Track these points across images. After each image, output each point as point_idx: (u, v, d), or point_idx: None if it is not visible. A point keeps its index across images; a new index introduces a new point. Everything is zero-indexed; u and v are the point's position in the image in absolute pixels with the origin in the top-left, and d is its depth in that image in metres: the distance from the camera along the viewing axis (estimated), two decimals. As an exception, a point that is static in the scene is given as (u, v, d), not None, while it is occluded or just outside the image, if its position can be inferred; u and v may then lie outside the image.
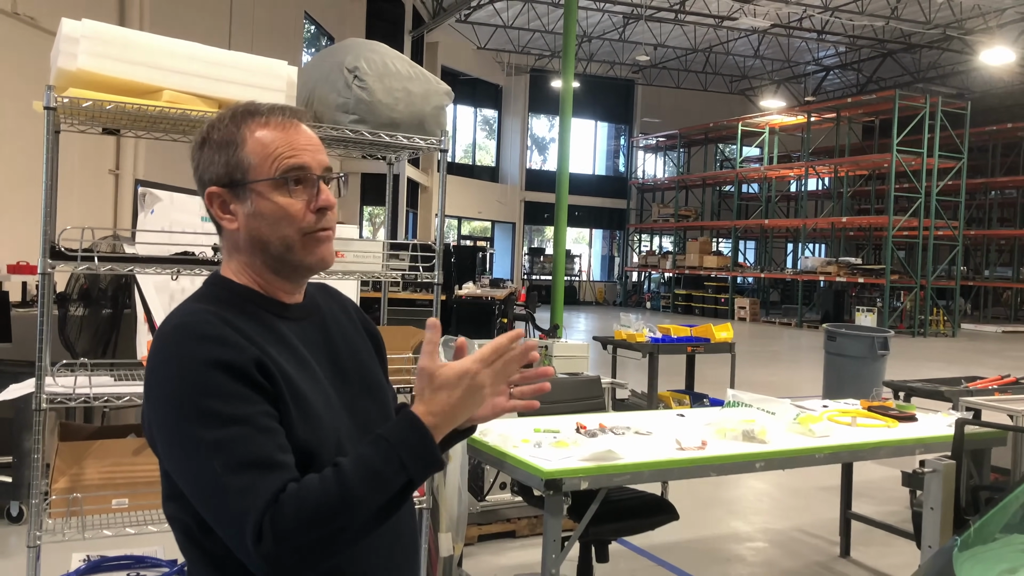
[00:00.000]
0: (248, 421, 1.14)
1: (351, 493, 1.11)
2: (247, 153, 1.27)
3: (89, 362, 2.68)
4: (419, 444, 1.16)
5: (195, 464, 1.14)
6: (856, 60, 27.02)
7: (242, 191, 1.28)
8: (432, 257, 3.12)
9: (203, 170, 1.31)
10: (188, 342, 1.18)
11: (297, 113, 1.33)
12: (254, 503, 1.09)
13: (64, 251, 2.51)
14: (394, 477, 1.13)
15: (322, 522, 1.09)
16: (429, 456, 1.16)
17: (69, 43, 2.43)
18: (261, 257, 1.30)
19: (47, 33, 7.40)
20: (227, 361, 1.16)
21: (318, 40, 18.02)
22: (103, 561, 3.01)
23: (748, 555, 4.55)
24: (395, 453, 1.14)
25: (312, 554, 1.10)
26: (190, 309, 1.26)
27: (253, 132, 1.28)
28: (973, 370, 10.81)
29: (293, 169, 1.28)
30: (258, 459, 1.12)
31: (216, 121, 1.32)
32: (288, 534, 1.08)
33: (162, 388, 1.18)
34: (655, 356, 6.87)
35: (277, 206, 1.27)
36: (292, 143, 1.29)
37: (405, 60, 3.13)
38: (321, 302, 1.43)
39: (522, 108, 28.59)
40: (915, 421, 3.77)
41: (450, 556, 3.29)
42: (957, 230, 20.58)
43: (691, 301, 25.36)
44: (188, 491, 1.17)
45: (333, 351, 1.37)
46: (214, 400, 1.14)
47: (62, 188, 2.74)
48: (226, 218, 1.30)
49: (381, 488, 1.13)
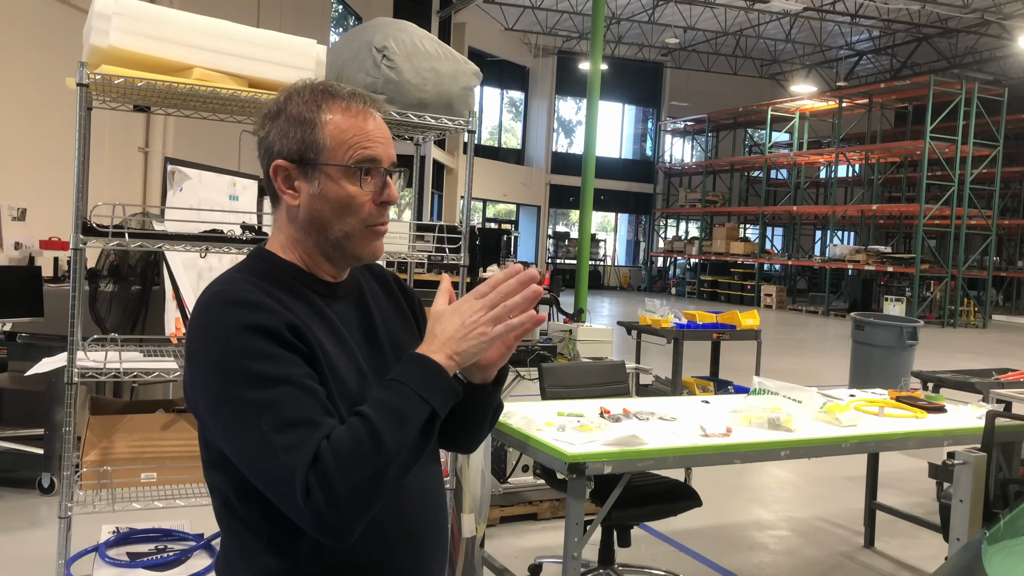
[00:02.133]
0: (291, 381, 1.16)
1: (380, 435, 1.13)
2: (324, 134, 1.27)
3: (119, 337, 2.71)
4: (428, 375, 1.18)
5: (242, 425, 1.15)
6: (890, 45, 26.51)
7: (311, 170, 1.28)
8: (458, 239, 3.12)
9: (273, 141, 1.30)
10: (227, 308, 1.20)
11: (376, 103, 1.33)
12: (302, 460, 1.11)
13: (96, 227, 2.54)
14: (415, 412, 1.16)
15: (360, 467, 1.11)
16: (441, 384, 1.18)
17: (101, 20, 2.44)
18: (316, 238, 1.31)
19: (79, 10, 7.45)
20: (265, 325, 1.18)
21: (345, 19, 18.01)
22: (131, 533, 3.06)
23: (771, 543, 4.53)
24: (409, 388, 1.16)
25: (359, 501, 1.12)
26: (229, 278, 1.27)
27: (333, 114, 1.28)
28: (1004, 362, 10.65)
29: (367, 160, 1.28)
30: (304, 417, 1.14)
31: (294, 94, 1.31)
32: (332, 485, 1.10)
33: (204, 353, 1.19)
34: (680, 342, 6.83)
35: (345, 193, 1.28)
36: (368, 133, 1.29)
37: (434, 40, 3.11)
38: (362, 280, 1.44)
39: (549, 90, 28.41)
40: (944, 412, 3.71)
41: (472, 537, 3.31)
42: (991, 219, 20.21)
43: (717, 287, 25.18)
44: (234, 454, 1.18)
45: (371, 330, 1.38)
46: (257, 362, 1.16)
47: (93, 165, 2.76)
48: (288, 193, 1.31)
49: (406, 425, 1.15)
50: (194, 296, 4.64)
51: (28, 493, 4.48)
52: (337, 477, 1.10)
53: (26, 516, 4.23)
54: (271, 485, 1.15)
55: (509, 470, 4.53)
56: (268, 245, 1.36)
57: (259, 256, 1.34)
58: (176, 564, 2.91)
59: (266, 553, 1.24)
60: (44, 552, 3.64)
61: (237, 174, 5.61)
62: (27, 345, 4.51)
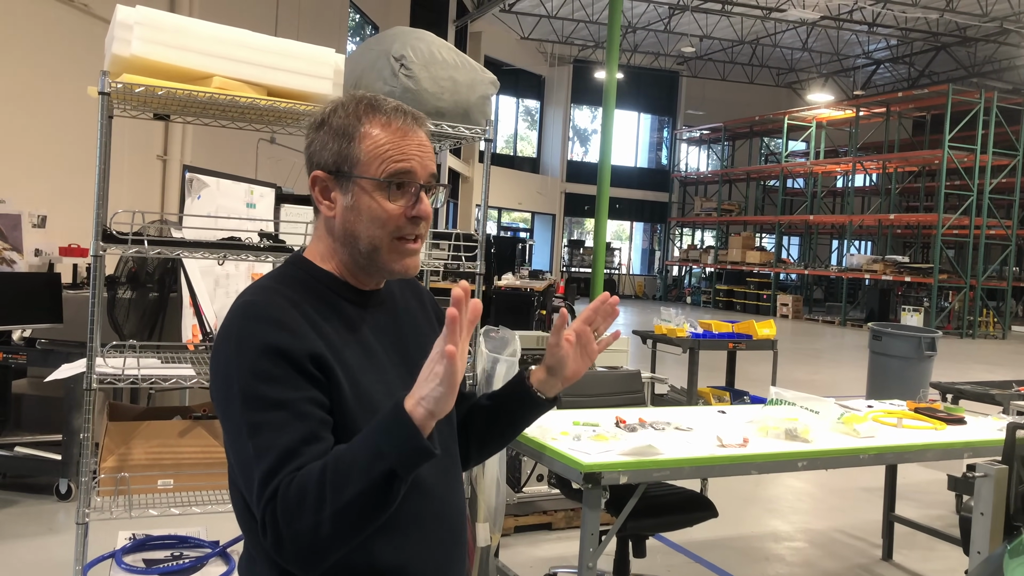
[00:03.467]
0: (288, 406, 1.16)
1: (332, 483, 1.09)
2: (360, 149, 1.29)
3: (137, 344, 2.73)
4: (396, 429, 1.09)
5: (234, 439, 1.19)
6: (908, 53, 26.37)
7: (346, 182, 1.30)
8: (474, 247, 3.12)
9: (314, 151, 1.33)
10: (250, 322, 1.22)
11: (419, 119, 1.34)
12: (265, 493, 1.12)
13: (116, 234, 2.56)
14: (371, 464, 1.09)
15: (308, 511, 1.10)
16: (408, 442, 1.08)
17: (123, 29, 2.47)
18: (349, 249, 1.33)
19: (100, 20, 7.54)
20: (281, 347, 1.19)
21: (362, 29, 18.12)
22: (148, 540, 3.07)
23: (787, 555, 4.49)
24: (372, 440, 1.11)
25: (302, 546, 1.11)
26: (262, 286, 1.29)
27: (372, 128, 1.30)
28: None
29: (399, 174, 1.29)
30: (286, 446, 1.14)
31: (339, 107, 1.33)
32: (278, 525, 1.11)
33: (220, 364, 1.22)
34: (696, 351, 6.80)
35: (376, 205, 1.29)
36: (404, 148, 1.30)
37: (451, 49, 3.12)
38: (397, 291, 1.45)
39: (564, 99, 28.45)
40: (964, 424, 3.67)
41: (487, 546, 3.30)
42: (1010, 229, 20.02)
43: (732, 297, 25.06)
44: (231, 464, 1.22)
45: (402, 341, 1.39)
46: (261, 383, 1.17)
47: (113, 173, 2.79)
48: (325, 203, 1.33)
49: (360, 477, 1.09)
50: (211, 303, 4.67)
51: (46, 499, 4.52)
52: (283, 519, 1.11)
53: (44, 522, 4.26)
54: (251, 504, 1.18)
55: (524, 479, 4.51)
56: (307, 253, 1.37)
57: (296, 263, 1.36)
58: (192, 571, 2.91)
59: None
60: (61, 558, 3.66)
61: (255, 182, 5.64)
62: (46, 351, 4.55)
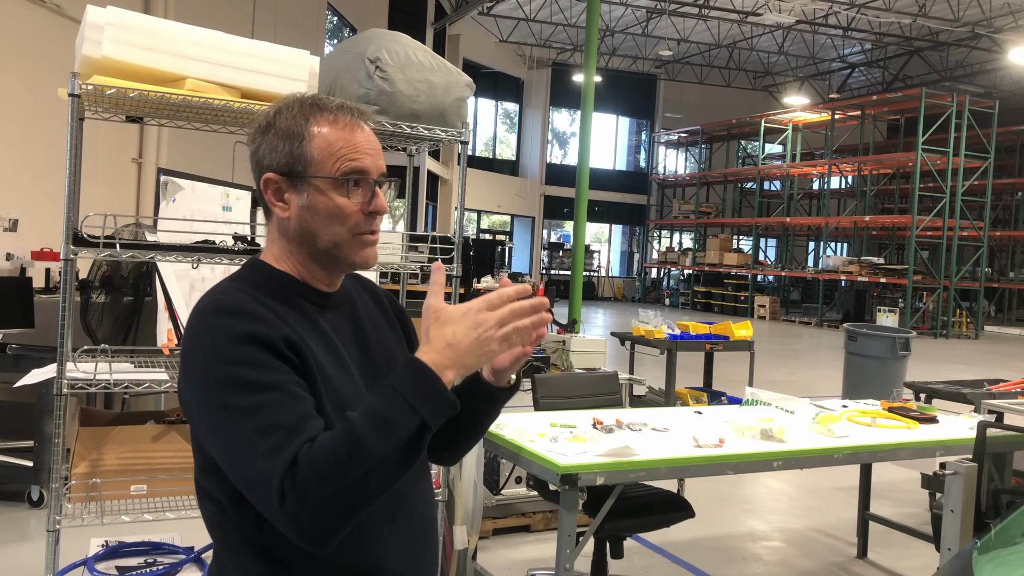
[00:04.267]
0: (279, 387, 1.17)
1: (362, 443, 1.10)
2: (312, 148, 1.29)
3: (110, 348, 2.70)
4: (424, 384, 1.13)
5: (228, 429, 1.16)
6: (882, 57, 26.68)
7: (300, 183, 1.30)
8: (451, 249, 3.12)
9: (263, 155, 1.33)
10: (220, 317, 1.21)
11: (363, 114, 1.35)
12: (279, 465, 1.11)
13: (87, 238, 2.53)
14: (404, 421, 1.12)
15: (337, 475, 1.10)
16: (437, 395, 1.14)
17: (94, 31, 2.44)
18: (307, 248, 1.33)
19: (72, 21, 7.46)
20: (258, 334, 1.19)
21: (340, 31, 18.05)
22: (121, 546, 3.04)
23: (764, 554, 4.53)
24: (400, 397, 1.13)
25: (335, 509, 1.11)
26: (224, 288, 1.29)
27: (320, 128, 1.30)
28: (996, 373, 10.68)
29: (354, 172, 1.30)
30: (286, 422, 1.14)
31: (283, 108, 1.33)
32: (307, 491, 1.09)
33: (196, 361, 1.21)
34: (673, 353, 6.83)
35: (333, 204, 1.30)
36: (356, 145, 1.31)
37: (427, 51, 3.12)
38: (354, 292, 1.46)
39: (543, 102, 28.50)
40: (936, 423, 3.72)
41: (465, 549, 3.30)
42: (982, 231, 20.31)
43: (710, 298, 25.21)
44: (221, 459, 1.19)
45: (363, 341, 1.40)
46: (246, 369, 1.17)
47: (85, 176, 2.76)
48: (279, 205, 1.33)
49: (392, 434, 1.11)
50: (187, 307, 4.62)
51: (17, 506, 4.45)
52: (312, 484, 1.09)
53: (15, 529, 4.20)
54: (251, 488, 1.15)
55: (502, 481, 4.51)
56: (263, 256, 1.37)
57: (254, 266, 1.36)
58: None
59: (260, 560, 1.24)
60: (33, 565, 3.62)
61: (231, 185, 5.60)
62: (17, 356, 4.49)
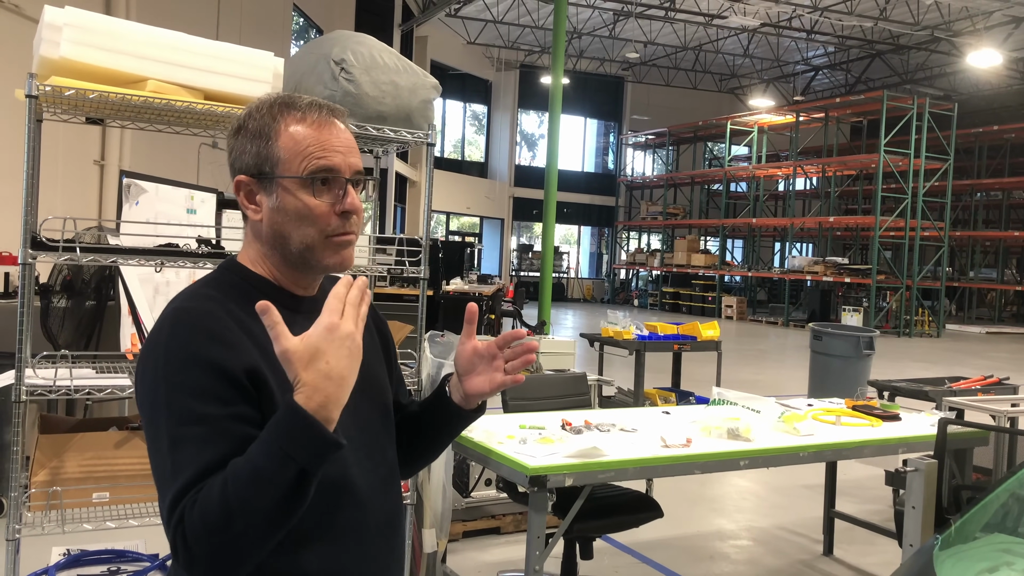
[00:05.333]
0: (211, 423, 1.13)
1: (237, 496, 1.07)
2: (279, 147, 1.27)
3: (70, 354, 2.65)
4: (298, 428, 1.07)
5: (155, 453, 1.16)
6: (845, 60, 27.11)
7: (269, 184, 1.28)
8: (418, 252, 3.11)
9: (235, 157, 1.31)
10: (181, 330, 1.19)
11: (335, 112, 1.32)
12: (176, 513, 1.09)
13: (45, 241, 2.48)
14: (280, 470, 1.06)
15: (219, 529, 1.07)
16: (313, 439, 1.07)
17: (52, 31, 2.40)
18: (280, 251, 1.30)
19: (31, 21, 7.32)
20: (212, 359, 1.16)
21: (306, 32, 17.92)
22: (83, 555, 2.98)
23: (732, 553, 4.57)
24: (275, 445, 1.08)
25: (224, 560, 1.08)
26: (195, 293, 1.26)
27: (288, 126, 1.28)
28: (957, 371, 10.90)
29: (321, 170, 1.27)
30: (203, 464, 1.11)
31: (254, 110, 1.31)
32: (194, 543, 1.07)
33: (147, 371, 1.19)
34: (642, 353, 6.88)
35: (301, 205, 1.27)
36: (325, 143, 1.28)
37: (393, 53, 3.11)
38: None
39: (512, 104, 28.53)
40: (899, 420, 3.78)
41: (434, 552, 3.29)
42: (943, 231, 20.70)
43: (678, 299, 25.42)
44: (152, 472, 1.17)
45: None
46: (188, 396, 1.14)
47: (46, 179, 2.71)
48: (251, 208, 1.31)
49: (267, 485, 1.07)
50: (151, 311, 4.55)
51: (-24, 515, 4.35)
52: (199, 535, 1.07)
53: (-26, 539, 4.10)
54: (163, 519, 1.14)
55: (472, 484, 4.50)
56: (239, 258, 1.35)
57: (229, 268, 1.34)
58: (130, 586, 2.84)
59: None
60: (-8, 576, 3.53)
61: (195, 187, 5.52)
62: (-25, 363, 4.39)
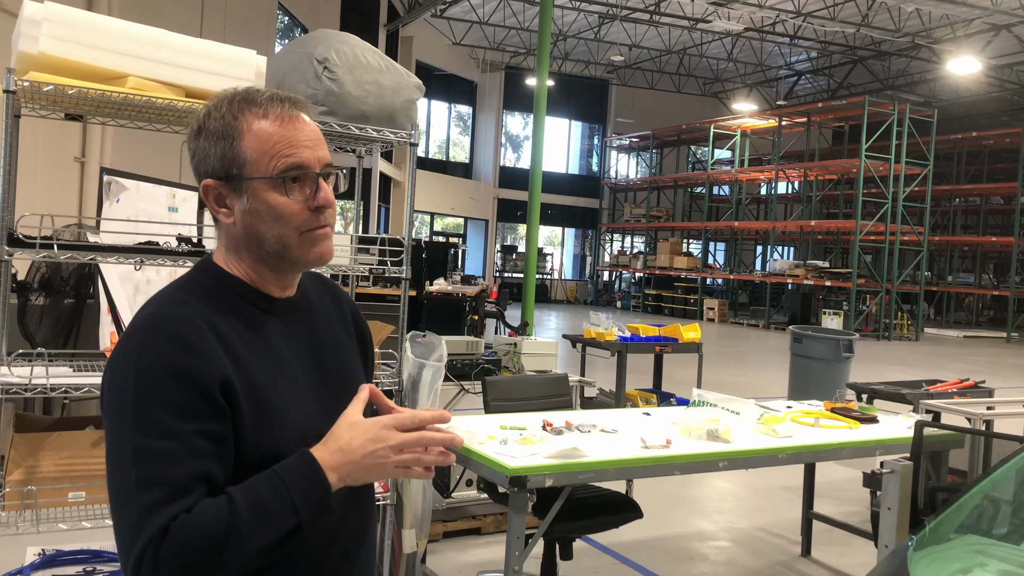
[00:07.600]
0: (181, 438, 1.10)
1: (239, 530, 1.07)
2: (244, 147, 1.22)
3: (47, 352, 2.62)
4: (311, 486, 1.13)
5: (117, 463, 1.12)
6: (827, 66, 27.33)
7: (238, 186, 1.23)
8: (401, 252, 3.11)
9: (199, 161, 1.26)
10: (153, 337, 1.15)
11: (298, 104, 1.27)
12: (148, 529, 1.06)
13: (22, 238, 2.46)
14: (283, 519, 1.10)
15: (206, 557, 1.06)
16: (320, 501, 1.13)
17: (31, 26, 2.38)
18: (257, 252, 1.26)
19: (10, 15, 7.24)
20: (187, 371, 1.13)
21: (291, 31, 17.84)
22: (58, 555, 2.96)
23: (711, 554, 4.59)
24: (288, 494, 1.11)
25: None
26: (170, 298, 1.22)
27: (251, 124, 1.23)
28: (934, 373, 11.00)
29: (292, 168, 1.23)
30: (174, 481, 1.08)
31: (212, 109, 1.25)
32: (168, 568, 1.05)
33: (116, 377, 1.15)
34: (623, 355, 6.90)
35: (274, 205, 1.23)
36: (292, 139, 1.23)
37: (376, 52, 3.11)
38: (314, 295, 1.40)
39: (496, 105, 28.54)
40: (876, 423, 3.82)
41: (413, 553, 3.28)
42: (922, 236, 20.91)
43: (661, 301, 25.51)
44: (108, 481, 1.13)
45: (318, 349, 1.34)
46: (158, 408, 1.11)
47: (25, 175, 2.68)
48: (222, 212, 1.26)
49: (268, 528, 1.09)
50: (130, 309, 4.52)
51: (-50, 515, 4.29)
52: (176, 562, 1.05)
53: (-53, 539, 4.05)
54: (116, 530, 1.10)
55: (452, 485, 4.50)
56: (215, 257, 1.30)
57: (204, 269, 1.29)
58: (106, 586, 2.81)
59: None
60: (-34, 576, 3.49)
61: (177, 185, 5.49)
62: (-49, 360, 4.33)
